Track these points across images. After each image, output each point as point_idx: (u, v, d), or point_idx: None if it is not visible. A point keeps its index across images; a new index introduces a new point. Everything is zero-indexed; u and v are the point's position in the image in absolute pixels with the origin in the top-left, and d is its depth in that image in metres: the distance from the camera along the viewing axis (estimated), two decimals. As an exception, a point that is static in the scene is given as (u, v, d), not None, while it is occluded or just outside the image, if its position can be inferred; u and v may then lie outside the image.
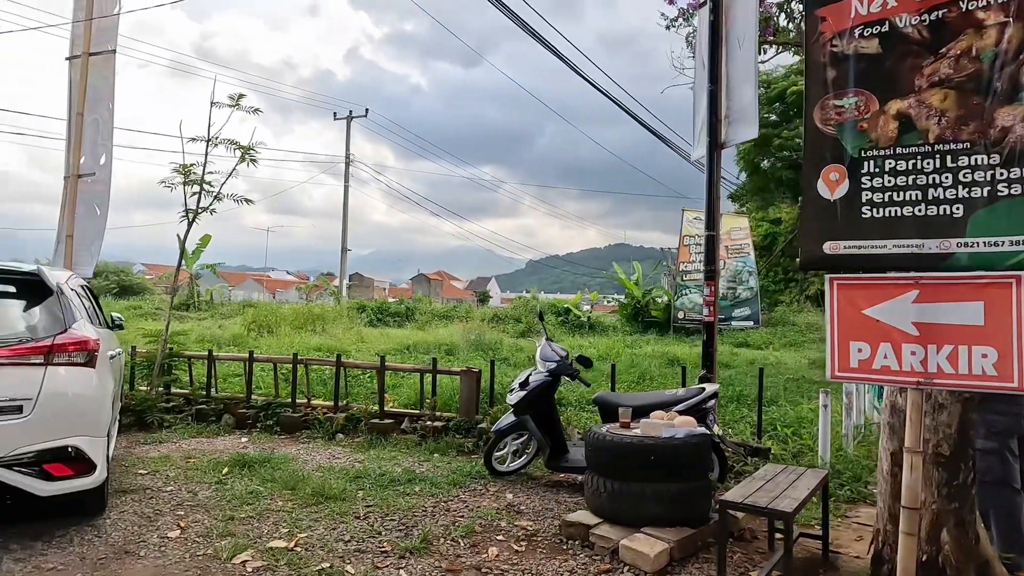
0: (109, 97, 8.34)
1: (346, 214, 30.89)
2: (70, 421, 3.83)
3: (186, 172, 7.12)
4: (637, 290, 24.73)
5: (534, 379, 5.23)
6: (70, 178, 8.30)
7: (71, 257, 8.19)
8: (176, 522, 4.20)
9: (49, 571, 3.45)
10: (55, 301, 4.13)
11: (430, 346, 14.44)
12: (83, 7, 8.44)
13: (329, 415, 6.87)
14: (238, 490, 4.86)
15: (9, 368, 3.68)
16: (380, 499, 4.73)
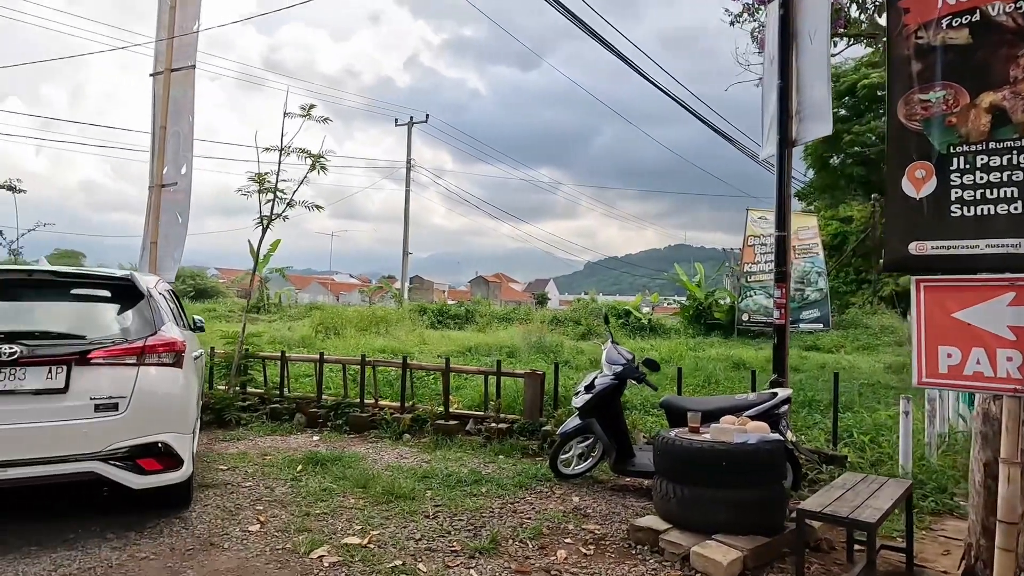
0: (189, 110, 8.77)
1: (407, 218, 31.50)
2: (160, 418, 4.05)
3: (261, 181, 7.42)
4: (699, 292, 24.24)
5: (600, 382, 5.21)
6: (154, 188, 8.77)
7: (155, 263, 8.65)
8: (256, 516, 4.38)
9: (143, 559, 3.66)
10: (146, 305, 4.38)
11: (491, 348, 14.56)
12: (165, 26, 8.91)
13: (396, 415, 7.02)
14: (312, 487, 5.03)
15: (106, 368, 3.92)
16: (448, 499, 4.81)
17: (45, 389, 3.74)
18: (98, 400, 3.84)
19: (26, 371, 3.73)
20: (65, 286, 4.32)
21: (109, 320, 4.25)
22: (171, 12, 8.78)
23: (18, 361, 3.70)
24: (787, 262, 5.49)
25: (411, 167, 31.47)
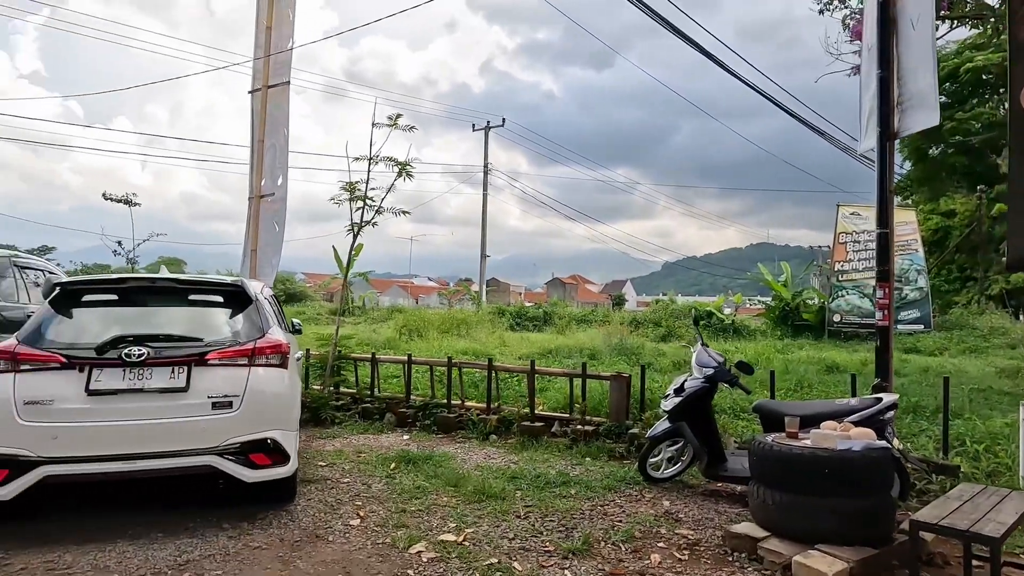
0: (284, 124, 9.24)
1: (485, 221, 31.92)
2: (269, 416, 4.30)
3: (352, 189, 7.72)
4: (785, 292, 23.31)
5: (690, 385, 5.12)
6: (253, 199, 9.29)
7: (255, 269, 9.16)
8: (355, 511, 4.57)
9: (256, 548, 3.90)
10: (254, 309, 4.66)
11: (571, 350, 14.54)
12: (261, 45, 9.43)
13: (482, 416, 7.14)
14: (406, 485, 5.20)
15: (221, 369, 4.20)
16: (538, 499, 4.86)
17: (168, 388, 4.05)
18: (215, 398, 4.12)
19: (152, 371, 4.05)
20: (183, 292, 4.67)
21: (222, 324, 4.55)
22: (267, 33, 9.29)
23: (146, 362, 4.02)
24: (890, 260, 5.22)
25: (488, 171, 31.88)
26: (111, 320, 4.40)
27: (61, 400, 3.88)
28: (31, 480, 3.79)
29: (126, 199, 9.97)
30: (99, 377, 3.95)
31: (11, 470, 3.78)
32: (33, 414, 3.83)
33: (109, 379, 3.97)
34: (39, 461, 3.79)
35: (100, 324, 4.35)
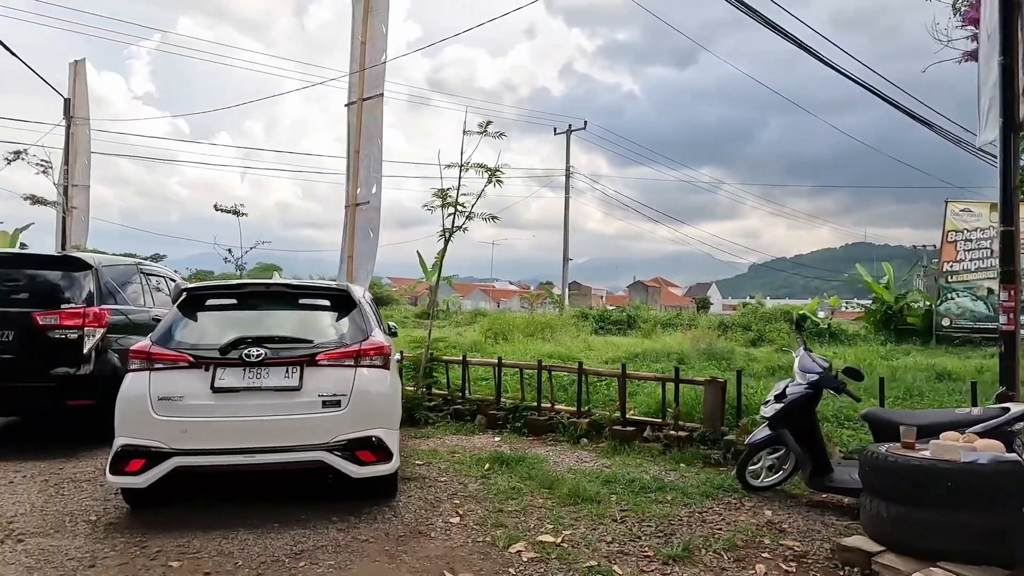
0: (378, 134, 9.61)
1: (567, 225, 31.90)
2: (373, 415, 4.49)
3: (443, 195, 7.93)
4: (887, 294, 22.02)
5: (792, 391, 4.95)
6: (349, 207, 9.71)
7: (351, 275, 9.56)
8: (454, 510, 4.69)
9: (363, 541, 4.08)
10: (358, 313, 4.89)
11: (658, 354, 14.30)
12: (356, 60, 9.84)
13: (573, 420, 7.16)
14: (501, 485, 5.28)
15: (330, 369, 4.43)
16: (634, 504, 4.82)
17: (283, 387, 4.31)
18: (325, 397, 4.35)
19: (268, 371, 4.32)
20: (294, 297, 4.95)
21: (329, 326, 4.79)
22: (362, 47, 9.70)
23: (263, 362, 4.30)
24: (1016, 260, 4.86)
25: (570, 174, 31.84)
26: (230, 323, 4.73)
27: (189, 396, 4.20)
28: (164, 470, 4.12)
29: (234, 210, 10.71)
30: (222, 376, 4.26)
31: (147, 460, 4.13)
32: (165, 409, 4.17)
33: (231, 378, 4.26)
34: (171, 452, 4.12)
35: (221, 326, 4.68)
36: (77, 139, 14.63)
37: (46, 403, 5.97)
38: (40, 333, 5.90)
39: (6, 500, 4.76)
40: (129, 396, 4.24)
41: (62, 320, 5.96)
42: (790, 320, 11.57)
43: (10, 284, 6.17)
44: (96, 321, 6.10)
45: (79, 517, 4.43)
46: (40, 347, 5.90)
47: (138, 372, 4.30)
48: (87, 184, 14.60)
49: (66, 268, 6.33)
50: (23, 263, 6.32)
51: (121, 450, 4.16)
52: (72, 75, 14.88)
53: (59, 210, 14.31)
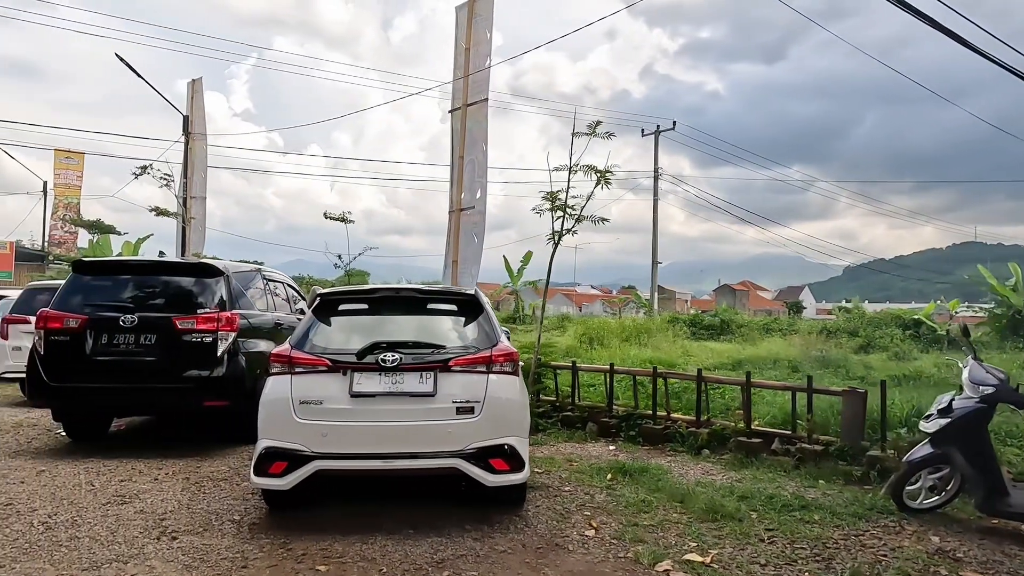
0: (483, 139, 9.61)
1: (656, 227, 31.21)
2: (506, 423, 4.40)
3: (552, 199, 7.82)
4: (1016, 297, 20.21)
5: (960, 405, 4.48)
6: (454, 212, 9.76)
7: (455, 279, 9.60)
8: (587, 522, 4.53)
9: (502, 552, 3.98)
10: (485, 318, 4.82)
11: (764, 361, 13.65)
12: (460, 66, 9.90)
13: (692, 430, 6.85)
14: (629, 497, 5.07)
15: (464, 375, 4.37)
16: (778, 523, 4.50)
17: (418, 392, 4.28)
18: (459, 403, 4.29)
19: (404, 376, 4.31)
20: (423, 301, 4.94)
21: (458, 331, 4.75)
22: (466, 53, 9.75)
23: (399, 367, 4.29)
24: None
25: (659, 175, 31.15)
26: (364, 327, 4.76)
27: (329, 401, 4.24)
28: (306, 473, 4.18)
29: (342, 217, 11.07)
30: (359, 380, 4.27)
31: (289, 462, 4.20)
32: (306, 413, 4.23)
33: (368, 383, 4.28)
34: (312, 456, 4.17)
35: (355, 331, 4.73)
36: (195, 153, 15.56)
37: (186, 403, 6.26)
38: (179, 337, 6.19)
39: (156, 497, 4.98)
40: (272, 399, 4.33)
41: (198, 324, 6.23)
42: (960, 327, 10.57)
43: (151, 290, 6.52)
44: (228, 325, 6.34)
45: (224, 516, 4.57)
46: (179, 350, 6.19)
47: (279, 376, 4.39)
48: (204, 196, 15.50)
49: (200, 275, 6.63)
50: (162, 270, 6.67)
51: (265, 452, 4.25)
52: (190, 93, 15.86)
53: (179, 220, 15.24)
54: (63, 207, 28.13)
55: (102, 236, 22.74)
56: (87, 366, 6.11)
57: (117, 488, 5.20)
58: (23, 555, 3.81)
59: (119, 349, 6.17)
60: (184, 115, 15.65)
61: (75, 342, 6.14)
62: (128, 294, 6.48)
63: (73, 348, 6.13)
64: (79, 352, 6.12)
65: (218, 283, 6.62)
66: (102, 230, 20.98)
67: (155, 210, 14.53)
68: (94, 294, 6.45)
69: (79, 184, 28.45)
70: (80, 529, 4.24)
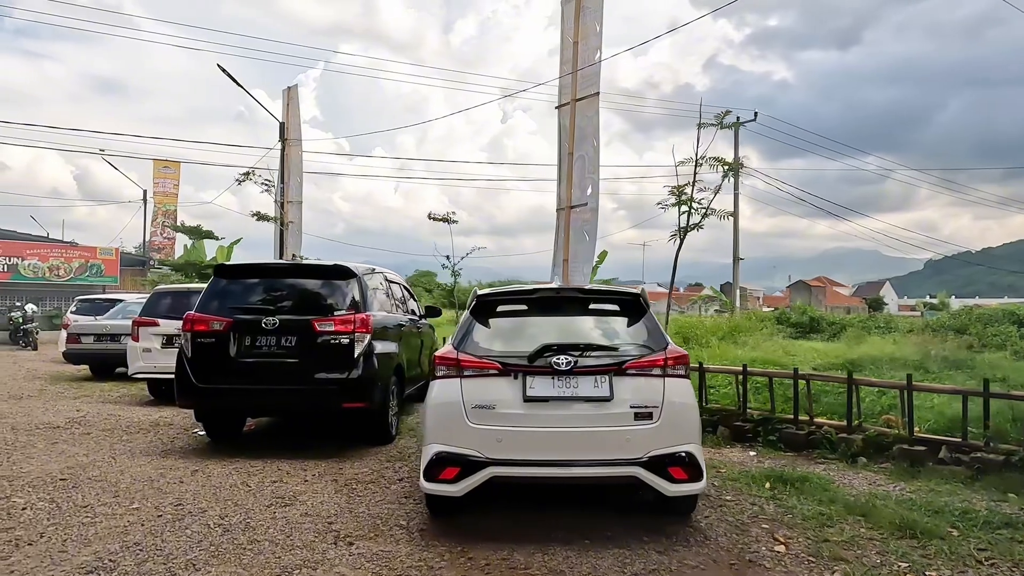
0: (593, 135, 9.39)
1: (736, 222, 30.20)
2: (683, 429, 4.16)
3: (679, 193, 7.52)
4: None
5: None
6: (564, 210, 9.57)
7: (566, 278, 9.41)
8: (769, 535, 4.24)
9: (694, 568, 3.74)
10: (649, 319, 4.59)
11: (879, 361, 12.87)
12: (567, 61, 9.70)
13: (842, 436, 6.42)
14: (803, 509, 4.74)
15: (639, 379, 4.16)
16: (988, 543, 4.08)
17: (594, 397, 4.09)
18: (636, 408, 4.08)
19: (577, 380, 4.12)
20: (585, 301, 4.75)
21: (626, 333, 4.53)
22: (574, 48, 9.54)
23: (573, 371, 4.11)
24: None
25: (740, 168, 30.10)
26: (526, 329, 4.62)
27: (502, 405, 4.10)
28: (480, 479, 4.05)
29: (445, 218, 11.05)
30: (533, 384, 4.12)
31: (461, 468, 4.08)
32: (479, 417, 4.10)
33: (541, 386, 4.12)
34: (487, 462, 4.04)
35: (517, 333, 4.59)
36: (290, 159, 15.95)
37: (326, 405, 6.30)
38: (318, 338, 6.23)
39: (314, 499, 4.98)
40: (442, 403, 4.23)
41: (336, 327, 6.25)
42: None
43: (288, 293, 6.60)
44: (363, 327, 6.34)
45: (389, 521, 4.51)
46: (318, 352, 6.22)
47: (447, 379, 4.28)
48: (300, 200, 15.87)
49: (334, 277, 6.67)
50: (298, 273, 6.74)
51: (436, 458, 4.15)
52: (285, 100, 16.27)
53: (277, 224, 15.66)
54: (162, 214, 29.63)
55: (197, 241, 23.72)
56: (232, 368, 6.22)
57: (273, 489, 5.24)
58: (212, 558, 3.83)
59: (261, 351, 6.26)
60: (280, 121, 16.07)
61: (220, 344, 6.26)
62: (267, 296, 6.58)
63: (218, 350, 6.25)
64: (224, 354, 6.24)
65: (351, 285, 6.63)
66: (202, 235, 21.91)
67: (256, 215, 14.97)
68: (235, 297, 6.57)
69: (175, 192, 29.89)
70: (255, 532, 4.26)
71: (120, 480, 5.44)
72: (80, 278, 23.79)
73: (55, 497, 4.94)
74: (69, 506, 4.73)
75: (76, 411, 8.85)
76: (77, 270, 23.71)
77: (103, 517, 4.50)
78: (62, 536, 4.14)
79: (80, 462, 6.03)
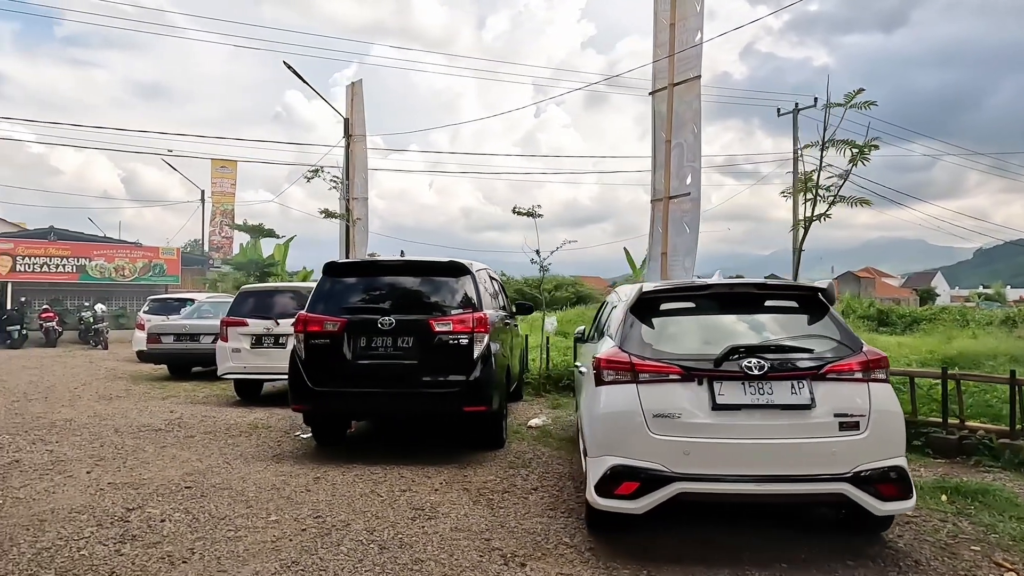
0: (693, 120, 8.90)
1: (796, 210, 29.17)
2: (892, 440, 3.72)
3: (806, 180, 7.01)
4: None
5: None
6: (661, 200, 9.11)
7: (665, 272, 8.96)
8: (985, 559, 3.77)
9: (925, 599, 3.31)
10: (835, 316, 4.14)
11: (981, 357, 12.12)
12: (663, 43, 9.22)
13: (1005, 441, 5.87)
14: (1006, 527, 4.25)
15: (841, 384, 3.72)
16: None
17: (792, 404, 3.67)
18: (841, 418, 3.65)
19: (772, 385, 3.71)
20: (760, 299, 4.33)
21: (816, 333, 4.08)
22: (671, 29, 9.06)
23: (766, 375, 3.70)
24: None
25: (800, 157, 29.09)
26: (699, 329, 4.22)
27: (688, 414, 3.71)
28: (665, 496, 3.67)
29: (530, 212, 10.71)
30: (721, 391, 3.72)
31: (642, 483, 3.71)
32: (663, 427, 3.72)
33: (731, 393, 3.72)
34: (673, 476, 3.66)
35: (687, 333, 4.20)
36: (355, 156, 15.78)
37: (447, 409, 5.98)
38: (435, 339, 5.93)
39: (455, 511, 4.67)
40: (618, 411, 3.85)
41: (455, 327, 5.94)
42: None
43: (401, 291, 6.31)
44: (482, 326, 6.02)
45: (549, 537, 4.16)
46: (436, 353, 5.92)
47: (621, 384, 3.90)
48: (366, 197, 15.69)
49: (448, 274, 6.36)
50: (410, 270, 6.43)
51: (611, 471, 3.78)
52: (349, 96, 16.12)
53: (343, 222, 15.50)
54: (220, 213, 30.00)
55: (254, 239, 23.85)
56: (348, 370, 5.95)
57: (407, 499, 4.95)
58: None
59: (377, 352, 5.98)
60: (344, 118, 15.91)
61: (335, 345, 6.00)
62: (379, 295, 6.30)
63: (333, 352, 5.99)
64: (339, 356, 5.97)
65: (466, 282, 6.32)
66: (263, 233, 22.02)
67: (324, 212, 14.83)
68: (346, 296, 6.31)
69: (232, 191, 30.23)
70: (414, 549, 3.95)
71: (245, 488, 5.21)
72: (144, 278, 24.17)
73: (188, 507, 4.72)
74: (206, 517, 4.51)
75: (170, 412, 8.75)
76: (141, 270, 24.07)
77: (245, 531, 4.26)
78: (213, 552, 3.89)
79: (196, 468, 5.84)
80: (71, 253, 23.26)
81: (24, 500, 4.89)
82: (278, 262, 21.66)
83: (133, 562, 3.74)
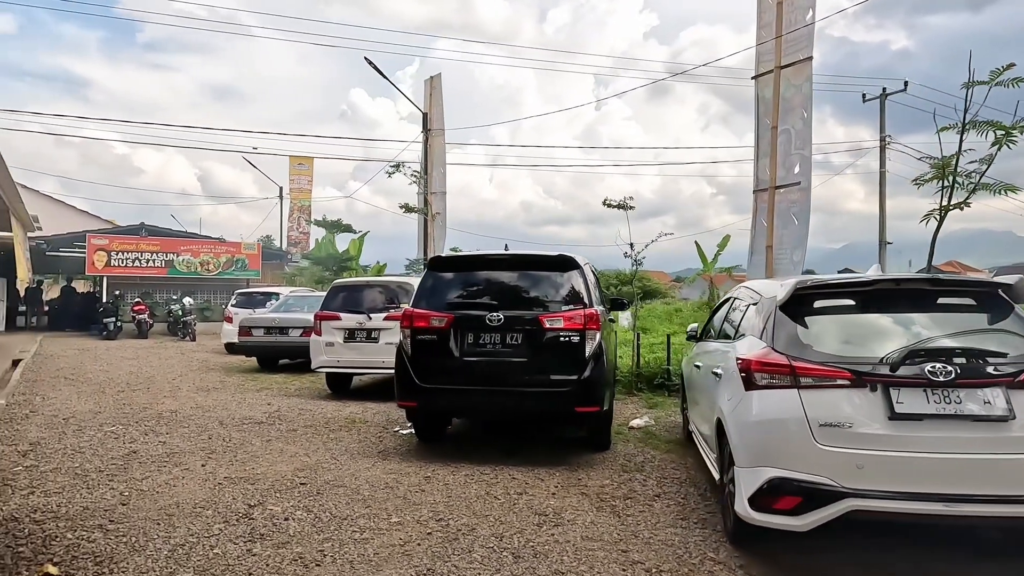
0: (802, 105, 8.36)
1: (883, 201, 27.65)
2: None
3: (943, 166, 6.42)
4: None
5: None
6: (767, 191, 8.61)
7: (771, 267, 8.46)
8: None
9: None
10: (1020, 318, 3.68)
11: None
12: (768, 24, 8.69)
13: None
14: None
15: None
16: None
17: (986, 415, 3.26)
18: None
19: (960, 393, 3.30)
20: (932, 295, 3.91)
21: (997, 334, 3.64)
22: (777, 8, 8.53)
23: (954, 382, 3.29)
24: None
25: (886, 145, 27.53)
26: (858, 328, 3.85)
27: (860, 424, 3.35)
28: (835, 513, 3.32)
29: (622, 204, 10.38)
30: (900, 398, 3.34)
31: (805, 498, 3.37)
32: (830, 438, 3.37)
33: (912, 401, 3.33)
34: (844, 492, 3.30)
35: (849, 333, 3.82)
36: (433, 150, 15.75)
37: (559, 408, 5.76)
38: (545, 336, 5.70)
39: (580, 518, 4.43)
40: (778, 419, 3.52)
41: (566, 323, 5.70)
42: None
43: (509, 287, 6.11)
44: (593, 323, 5.76)
45: (690, 550, 3.87)
46: (547, 350, 5.70)
47: (777, 389, 3.57)
48: (444, 191, 15.65)
49: (557, 268, 6.12)
50: (518, 264, 6.23)
51: (770, 484, 3.46)
52: (428, 90, 16.10)
53: (421, 216, 15.52)
54: (297, 210, 30.84)
55: (328, 235, 24.31)
56: (456, 367, 5.80)
57: (526, 502, 4.75)
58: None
59: (486, 349, 5.81)
60: (423, 112, 15.90)
61: (442, 342, 5.85)
62: (485, 290, 6.13)
63: (440, 348, 5.85)
64: (446, 352, 5.83)
65: (575, 276, 6.06)
66: (341, 229, 22.44)
67: (404, 207, 14.87)
68: (451, 291, 6.16)
69: (309, 188, 31.03)
70: (550, 560, 3.73)
71: (359, 486, 5.13)
72: (227, 272, 25.03)
73: (307, 505, 4.65)
74: (327, 517, 4.42)
75: (267, 405, 8.87)
76: (224, 264, 24.93)
77: (370, 532, 4.14)
78: (343, 556, 3.78)
79: (306, 463, 5.81)
80: (160, 248, 24.28)
81: (148, 493, 4.94)
82: (354, 257, 21.98)
83: (267, 563, 3.66)
